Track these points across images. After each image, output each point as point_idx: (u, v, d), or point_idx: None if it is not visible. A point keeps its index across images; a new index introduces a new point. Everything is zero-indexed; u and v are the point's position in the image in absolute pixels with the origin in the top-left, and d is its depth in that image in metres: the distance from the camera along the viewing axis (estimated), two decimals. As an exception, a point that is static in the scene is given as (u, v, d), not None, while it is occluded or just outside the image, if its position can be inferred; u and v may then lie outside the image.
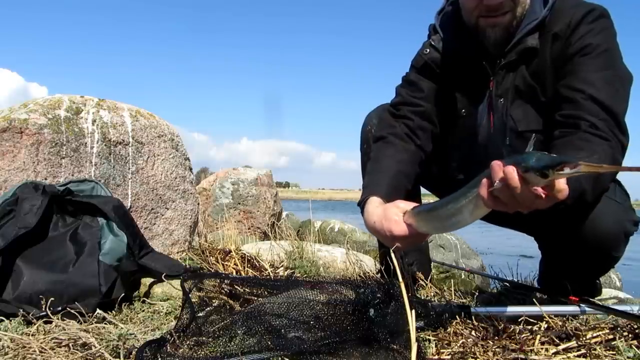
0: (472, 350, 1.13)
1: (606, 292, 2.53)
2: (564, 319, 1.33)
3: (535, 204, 0.91)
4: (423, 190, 1.90)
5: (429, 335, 1.23)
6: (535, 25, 1.46)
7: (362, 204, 1.42)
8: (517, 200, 0.91)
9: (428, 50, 1.65)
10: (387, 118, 1.67)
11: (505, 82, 1.51)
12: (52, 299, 1.43)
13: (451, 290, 1.69)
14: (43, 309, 1.39)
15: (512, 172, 0.88)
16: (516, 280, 2.02)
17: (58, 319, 1.34)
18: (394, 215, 1.23)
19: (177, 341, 1.09)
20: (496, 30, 1.47)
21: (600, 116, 1.28)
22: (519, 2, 1.45)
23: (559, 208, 1.05)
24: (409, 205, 1.24)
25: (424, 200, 1.97)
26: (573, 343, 1.14)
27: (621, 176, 1.56)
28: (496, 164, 0.91)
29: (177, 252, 2.45)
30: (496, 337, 1.20)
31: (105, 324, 1.36)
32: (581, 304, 1.36)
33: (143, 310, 1.57)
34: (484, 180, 0.94)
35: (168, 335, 1.11)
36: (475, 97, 1.58)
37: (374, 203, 1.36)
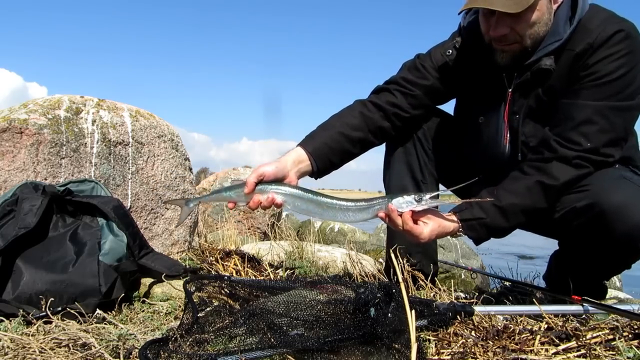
0: (472, 350, 1.13)
1: (606, 292, 2.53)
2: (564, 319, 1.33)
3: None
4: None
5: (429, 335, 1.23)
6: (555, 48, 1.49)
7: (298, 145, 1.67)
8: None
9: (451, 51, 1.70)
10: (379, 88, 1.80)
11: (521, 100, 1.57)
12: (52, 299, 1.43)
13: (451, 290, 1.69)
14: (43, 309, 1.39)
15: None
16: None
17: (58, 319, 1.33)
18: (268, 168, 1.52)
19: (180, 340, 1.08)
20: (505, 56, 1.53)
21: (579, 147, 1.44)
22: (526, 35, 1.47)
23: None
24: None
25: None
26: (573, 343, 1.14)
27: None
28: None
29: (177, 252, 2.45)
30: (496, 337, 1.20)
31: (105, 324, 1.35)
32: (584, 304, 1.36)
33: (143, 311, 1.56)
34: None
35: (170, 334, 1.11)
36: (492, 106, 1.63)
37: (293, 156, 1.62)
